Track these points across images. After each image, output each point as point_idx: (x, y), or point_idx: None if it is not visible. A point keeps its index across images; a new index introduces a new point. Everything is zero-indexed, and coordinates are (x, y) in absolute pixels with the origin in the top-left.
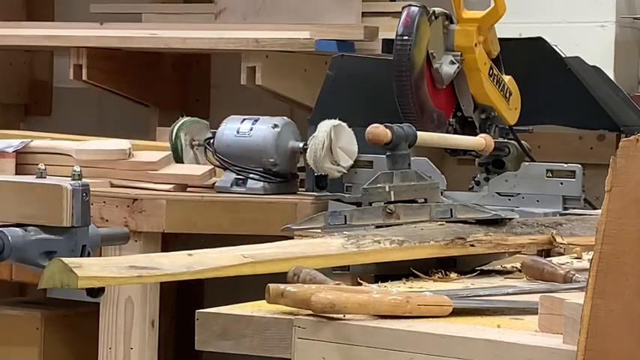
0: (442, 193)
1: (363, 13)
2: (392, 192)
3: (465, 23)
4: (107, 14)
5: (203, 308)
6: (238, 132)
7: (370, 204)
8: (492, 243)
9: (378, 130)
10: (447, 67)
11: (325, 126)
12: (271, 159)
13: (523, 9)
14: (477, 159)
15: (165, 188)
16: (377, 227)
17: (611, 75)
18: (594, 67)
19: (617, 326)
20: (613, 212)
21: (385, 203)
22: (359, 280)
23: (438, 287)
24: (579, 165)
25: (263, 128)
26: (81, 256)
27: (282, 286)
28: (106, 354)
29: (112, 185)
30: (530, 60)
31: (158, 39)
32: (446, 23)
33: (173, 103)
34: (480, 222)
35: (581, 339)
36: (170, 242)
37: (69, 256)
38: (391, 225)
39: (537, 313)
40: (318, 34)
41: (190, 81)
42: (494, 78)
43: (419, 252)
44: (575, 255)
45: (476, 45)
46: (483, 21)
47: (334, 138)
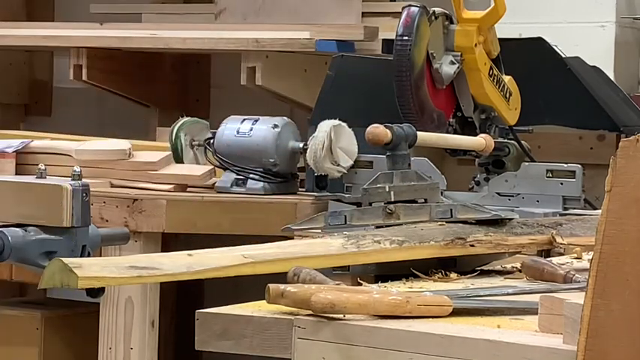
0: (442, 193)
1: (363, 13)
2: (392, 192)
3: (465, 23)
4: (107, 14)
5: (203, 308)
6: (238, 132)
7: (370, 204)
8: (492, 243)
9: (378, 130)
10: (447, 67)
11: (325, 126)
12: (271, 159)
13: (523, 9)
14: (477, 159)
15: (165, 188)
16: (377, 227)
17: (611, 75)
18: (594, 67)
19: (617, 326)
20: (613, 212)
21: (385, 203)
22: (359, 280)
23: (438, 287)
24: (579, 165)
25: (263, 128)
26: (81, 256)
27: (282, 286)
28: (106, 354)
29: (112, 185)
30: (530, 60)
31: (158, 39)
32: (446, 23)
33: (173, 103)
34: (480, 222)
35: (581, 339)
36: (170, 242)
37: (69, 256)
38: (391, 225)
39: (537, 313)
40: (318, 34)
41: (190, 81)
42: (494, 78)
43: (419, 252)
44: (575, 255)
45: (476, 45)
46: (483, 21)
47: (334, 138)
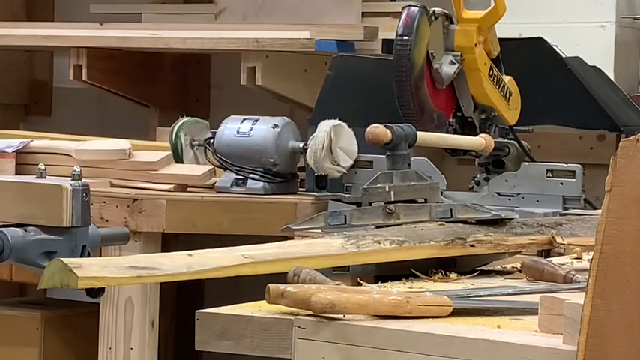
0: (442, 193)
1: (363, 13)
2: (392, 192)
3: (465, 23)
4: (107, 14)
5: (203, 308)
6: (238, 132)
7: (370, 204)
8: (492, 243)
9: (378, 130)
10: (447, 67)
11: (325, 126)
12: (271, 159)
13: (523, 9)
14: (477, 159)
15: (165, 188)
16: (377, 227)
17: (611, 75)
18: (594, 67)
19: (617, 326)
20: (613, 212)
21: (385, 203)
22: (359, 280)
23: (438, 287)
24: (579, 165)
25: (263, 128)
26: (81, 256)
27: (282, 286)
28: (106, 354)
29: (112, 185)
30: (530, 60)
31: (158, 39)
32: (446, 23)
33: (173, 103)
34: (480, 222)
35: (581, 339)
36: (170, 242)
37: (69, 257)
38: (391, 225)
39: (537, 313)
40: (318, 35)
41: (190, 81)
42: (494, 78)
43: (419, 252)
44: (575, 255)
45: (476, 45)
46: (483, 21)
47: (334, 138)
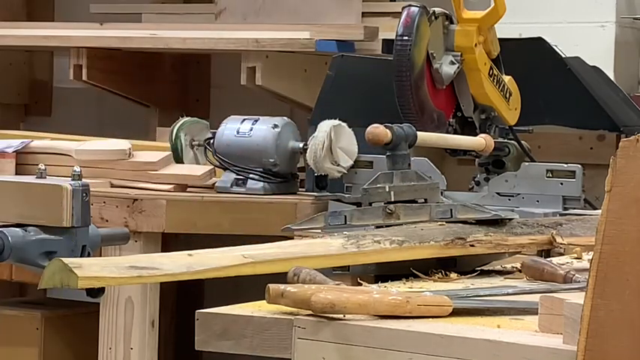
0: (442, 193)
1: (363, 13)
2: (392, 192)
3: (465, 23)
4: (107, 14)
5: (203, 308)
6: (238, 132)
7: (370, 204)
8: (492, 243)
9: (378, 130)
10: (447, 67)
11: (325, 126)
12: (271, 159)
13: (523, 9)
14: (477, 159)
15: (165, 188)
16: (377, 227)
17: (611, 75)
18: (594, 67)
19: (617, 326)
20: (613, 212)
21: (385, 203)
22: (359, 280)
23: (438, 287)
24: (579, 165)
25: (263, 128)
26: (81, 256)
27: (282, 287)
28: (106, 354)
29: (112, 185)
30: (530, 60)
31: (158, 39)
32: (446, 23)
33: (173, 103)
34: (480, 222)
35: (581, 339)
36: (170, 242)
37: (69, 257)
38: (391, 225)
39: (537, 313)
40: (318, 35)
41: (190, 81)
42: (494, 78)
43: (419, 252)
44: (575, 255)
45: (476, 45)
46: (483, 21)
47: (334, 138)
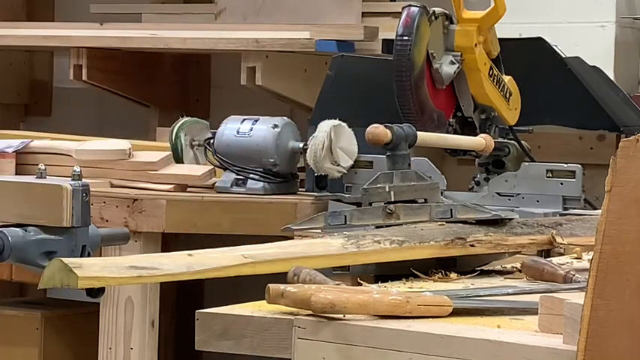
0: (442, 193)
1: (363, 13)
2: (392, 192)
3: (465, 23)
4: (107, 14)
5: (203, 308)
6: (238, 132)
7: (370, 204)
8: (492, 243)
9: (378, 130)
10: (447, 67)
11: (325, 126)
12: (271, 159)
13: (523, 9)
14: (477, 159)
15: (165, 188)
16: (377, 227)
17: (611, 75)
18: (594, 67)
19: (617, 326)
20: (613, 212)
21: (385, 203)
22: (359, 280)
23: (438, 287)
24: (579, 165)
25: (263, 128)
26: (81, 256)
27: (282, 287)
28: (106, 354)
29: (112, 185)
30: (530, 60)
31: (158, 39)
32: (446, 23)
33: (173, 103)
34: (480, 222)
35: (581, 339)
36: (170, 242)
37: (69, 256)
38: (391, 225)
39: (537, 313)
40: (318, 35)
41: (190, 81)
42: (494, 78)
43: (419, 252)
44: (575, 255)
45: (476, 45)
46: (483, 21)
47: (334, 138)
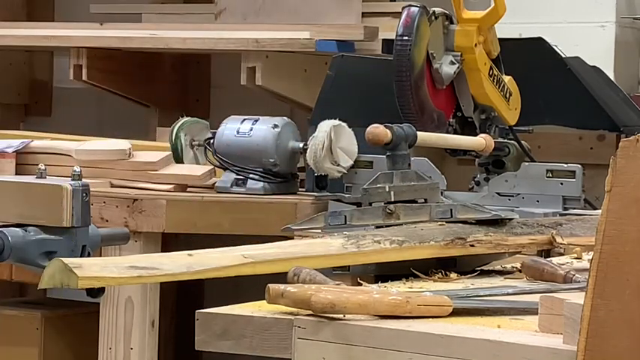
0: (442, 193)
1: (363, 13)
2: (392, 192)
3: (465, 23)
4: (107, 14)
5: (203, 308)
6: (238, 132)
7: (370, 204)
8: (492, 243)
9: (378, 130)
10: (447, 68)
11: (325, 126)
12: (271, 159)
13: (523, 9)
14: (477, 159)
15: (165, 188)
16: (377, 227)
17: (611, 75)
18: (594, 67)
19: (617, 326)
20: (613, 212)
21: (385, 203)
22: (359, 280)
23: (438, 287)
24: (579, 165)
25: (263, 128)
26: (81, 256)
27: (282, 287)
28: (106, 354)
29: (112, 185)
30: (530, 60)
31: (158, 39)
32: (446, 23)
33: (173, 103)
34: (480, 222)
35: (581, 339)
36: (170, 242)
37: (69, 257)
38: (391, 225)
39: (537, 313)
40: (318, 35)
41: (190, 81)
42: (494, 78)
43: (419, 252)
44: (575, 255)
45: (476, 45)
46: (483, 21)
47: (334, 138)
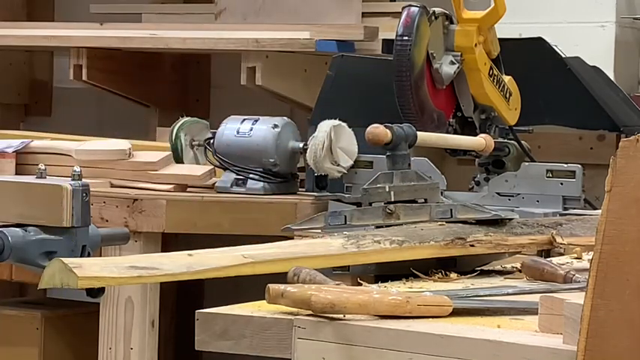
0: (442, 193)
1: (363, 13)
2: (392, 192)
3: (465, 23)
4: (107, 14)
5: (203, 308)
6: (238, 132)
7: (370, 204)
8: (492, 243)
9: (378, 130)
10: (447, 67)
11: (325, 126)
12: (271, 159)
13: (523, 9)
14: (477, 159)
15: (165, 188)
16: (377, 227)
17: (611, 75)
18: (594, 67)
19: (617, 326)
20: (613, 212)
21: (385, 203)
22: (359, 280)
23: (438, 287)
24: (579, 165)
25: (263, 128)
26: (81, 257)
27: (282, 287)
28: (106, 354)
29: (112, 185)
30: (530, 60)
31: (158, 39)
32: (446, 23)
33: (173, 103)
34: (480, 222)
35: (581, 339)
36: (170, 242)
37: (69, 257)
38: (391, 225)
39: (537, 313)
40: (318, 35)
41: (190, 81)
42: (494, 78)
43: (419, 252)
44: (575, 255)
45: (476, 45)
46: (483, 21)
47: (334, 138)
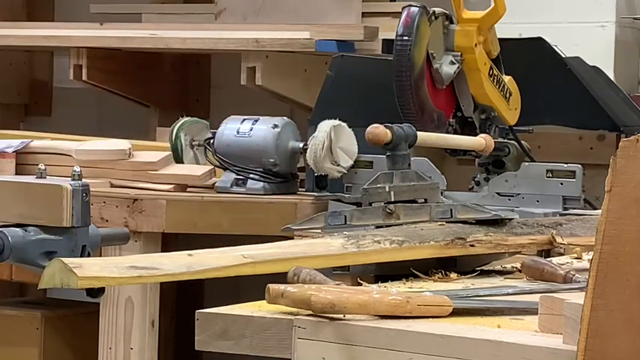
0: (442, 193)
1: (363, 13)
2: (392, 192)
3: (465, 23)
4: (107, 14)
5: (203, 308)
6: (238, 132)
7: (370, 204)
8: (492, 243)
9: (378, 130)
10: (447, 67)
11: (325, 126)
12: (271, 159)
13: (523, 9)
14: (477, 159)
15: (165, 188)
16: (377, 227)
17: (611, 75)
18: (594, 67)
19: (617, 326)
20: (613, 212)
21: (385, 203)
22: (359, 280)
23: (438, 287)
24: (579, 165)
25: (263, 128)
26: (81, 256)
27: (282, 287)
28: (106, 354)
29: (112, 185)
30: (530, 60)
31: (158, 39)
32: (446, 23)
33: (173, 103)
34: (480, 222)
35: (581, 339)
36: (170, 242)
37: (69, 257)
38: (391, 225)
39: (537, 313)
40: (318, 35)
41: (190, 81)
42: (494, 78)
43: (419, 252)
44: (575, 255)
45: (476, 45)
46: (483, 21)
47: (334, 138)
